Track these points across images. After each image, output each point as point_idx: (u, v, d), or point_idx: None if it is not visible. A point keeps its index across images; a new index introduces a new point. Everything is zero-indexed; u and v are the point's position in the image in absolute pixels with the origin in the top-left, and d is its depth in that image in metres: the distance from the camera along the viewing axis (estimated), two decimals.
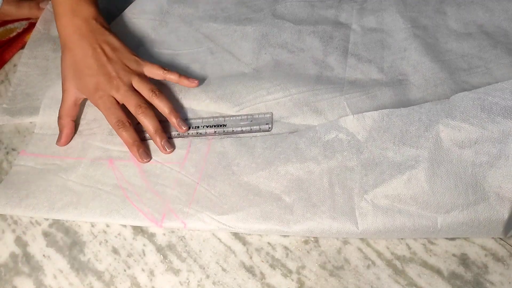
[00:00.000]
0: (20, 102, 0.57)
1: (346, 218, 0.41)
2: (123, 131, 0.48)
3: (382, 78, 0.53)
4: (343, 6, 0.62)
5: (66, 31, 0.51)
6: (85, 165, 0.49)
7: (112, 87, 0.49)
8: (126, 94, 0.49)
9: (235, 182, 0.45)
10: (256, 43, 0.59)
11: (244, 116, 0.51)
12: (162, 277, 0.42)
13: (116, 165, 0.49)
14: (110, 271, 0.43)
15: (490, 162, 0.39)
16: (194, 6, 0.65)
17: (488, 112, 0.39)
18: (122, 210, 0.45)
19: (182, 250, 0.43)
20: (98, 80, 0.49)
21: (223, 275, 0.41)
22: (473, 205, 0.39)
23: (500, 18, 0.56)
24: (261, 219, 0.42)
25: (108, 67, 0.49)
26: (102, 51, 0.50)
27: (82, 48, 0.50)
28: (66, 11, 0.51)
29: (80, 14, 0.51)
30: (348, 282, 0.40)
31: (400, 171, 0.41)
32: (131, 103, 0.49)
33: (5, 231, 0.47)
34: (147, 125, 0.48)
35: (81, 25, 0.51)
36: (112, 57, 0.50)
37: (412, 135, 0.42)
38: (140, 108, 0.48)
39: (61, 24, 0.52)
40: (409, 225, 0.40)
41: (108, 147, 0.50)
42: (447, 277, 0.39)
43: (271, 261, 0.42)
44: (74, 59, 0.50)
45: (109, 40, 0.51)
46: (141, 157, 0.47)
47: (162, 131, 0.48)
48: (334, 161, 0.44)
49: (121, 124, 0.48)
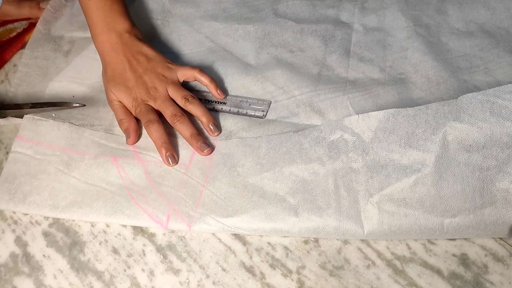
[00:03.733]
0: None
1: (352, 221, 0.41)
2: (153, 131, 0.49)
3: (384, 77, 0.53)
4: (345, 5, 0.62)
5: (103, 48, 0.54)
6: (88, 161, 0.49)
7: (149, 98, 0.51)
8: (162, 104, 0.51)
9: (240, 184, 0.45)
10: (258, 43, 0.59)
11: (245, 99, 0.52)
12: (162, 277, 0.42)
13: (119, 162, 0.48)
14: (110, 271, 0.43)
15: (498, 166, 0.38)
16: (196, 6, 0.65)
17: (498, 116, 0.39)
18: (127, 211, 0.45)
19: (182, 250, 0.43)
20: (137, 92, 0.51)
21: (223, 275, 0.41)
22: (480, 208, 0.39)
23: (502, 17, 0.57)
24: (266, 221, 0.42)
25: (145, 78, 0.52)
26: (138, 62, 0.53)
27: (119, 63, 0.53)
28: (102, 28, 0.54)
29: (115, 29, 0.54)
30: (348, 282, 0.40)
31: (406, 174, 0.41)
32: (167, 113, 0.50)
33: (5, 231, 0.47)
34: (183, 131, 0.49)
35: (117, 40, 0.54)
36: (147, 67, 0.52)
37: (418, 138, 0.41)
38: (175, 117, 0.49)
39: (98, 42, 0.55)
40: (416, 228, 0.40)
41: (112, 145, 0.50)
42: (447, 277, 0.39)
43: (271, 261, 0.42)
44: (113, 73, 0.53)
45: (143, 51, 0.54)
46: (167, 160, 0.48)
47: (198, 135, 0.49)
48: (339, 162, 0.44)
49: (151, 124, 0.49)
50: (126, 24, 0.55)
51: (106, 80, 0.53)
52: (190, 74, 0.53)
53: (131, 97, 0.51)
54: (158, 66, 0.53)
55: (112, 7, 0.55)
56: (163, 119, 0.50)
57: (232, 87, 0.55)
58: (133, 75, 0.52)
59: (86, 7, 0.55)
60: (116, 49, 0.53)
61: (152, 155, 0.49)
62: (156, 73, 0.52)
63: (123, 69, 0.52)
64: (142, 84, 0.52)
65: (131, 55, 0.53)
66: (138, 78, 0.52)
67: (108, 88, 0.52)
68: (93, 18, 0.55)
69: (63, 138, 0.51)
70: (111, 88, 0.52)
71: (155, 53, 0.54)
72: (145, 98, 0.51)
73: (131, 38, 0.54)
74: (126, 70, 0.52)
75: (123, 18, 0.55)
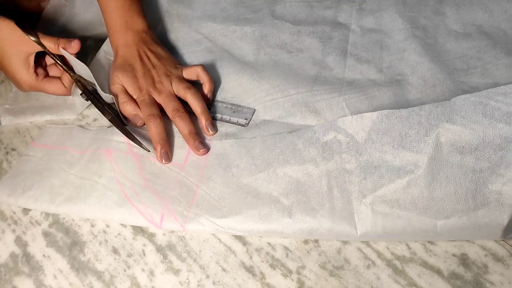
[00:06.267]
0: (21, 102, 0.58)
1: (345, 222, 0.41)
2: (153, 125, 0.49)
3: (380, 78, 0.53)
4: (342, 7, 0.62)
5: (118, 43, 0.56)
6: (87, 157, 0.49)
7: (155, 90, 0.52)
8: (166, 98, 0.51)
9: (234, 185, 0.45)
10: (255, 44, 0.59)
11: (230, 105, 0.52)
12: (162, 277, 0.42)
13: (113, 156, 0.49)
14: (110, 271, 0.43)
15: (491, 168, 0.38)
16: (194, 6, 0.66)
17: (490, 118, 0.38)
18: (120, 209, 0.45)
19: (182, 250, 0.43)
20: (143, 82, 0.52)
21: (223, 275, 0.41)
22: (473, 210, 0.38)
23: (499, 19, 0.56)
24: (260, 222, 0.42)
25: (153, 72, 0.53)
26: (148, 59, 0.54)
27: (131, 56, 0.54)
28: (120, 25, 0.56)
29: (133, 27, 0.56)
30: (348, 282, 0.40)
31: (400, 175, 0.40)
32: (169, 107, 0.51)
33: (5, 231, 0.47)
34: (182, 127, 0.49)
35: (133, 38, 0.55)
36: (156, 64, 0.54)
37: (411, 139, 0.41)
38: (177, 112, 0.50)
39: (115, 39, 0.56)
40: (409, 229, 0.40)
41: (108, 137, 0.50)
42: (447, 277, 0.39)
43: (271, 261, 0.42)
44: (123, 63, 0.54)
45: (156, 50, 0.55)
46: (161, 157, 0.48)
47: (196, 134, 0.49)
48: (332, 163, 0.44)
49: (152, 118, 0.49)
50: (143, 24, 0.57)
51: (114, 67, 0.54)
52: (193, 71, 0.53)
53: (136, 85, 0.52)
54: (167, 63, 0.54)
55: (131, 7, 0.57)
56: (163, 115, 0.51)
57: (228, 86, 0.55)
58: (142, 68, 0.53)
59: (105, 5, 0.57)
60: (130, 45, 0.55)
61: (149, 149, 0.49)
62: (164, 70, 0.53)
63: (134, 61, 0.54)
64: (150, 77, 0.53)
65: (144, 51, 0.55)
66: (146, 71, 0.53)
67: (114, 73, 0.53)
68: (112, 16, 0.57)
69: (70, 139, 0.52)
70: (117, 73, 0.53)
71: (166, 54, 0.56)
72: (151, 89, 0.52)
73: (147, 37, 0.56)
74: (137, 62, 0.54)
75: (141, 18, 0.57)
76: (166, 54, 0.56)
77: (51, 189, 0.47)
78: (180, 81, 0.52)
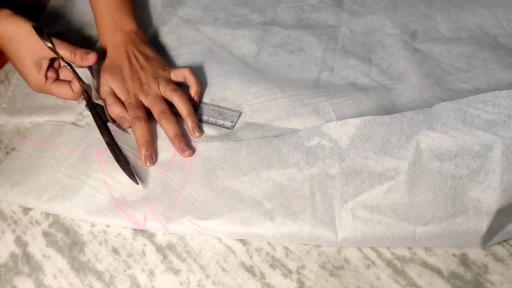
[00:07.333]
0: (19, 102, 0.58)
1: (326, 227, 0.41)
2: (138, 128, 0.49)
3: (368, 83, 0.53)
4: (333, 10, 0.62)
5: (107, 44, 0.56)
6: (76, 155, 0.50)
7: (142, 93, 0.52)
8: (153, 100, 0.51)
9: (218, 187, 0.45)
10: (245, 48, 0.59)
11: (216, 108, 0.52)
12: (162, 277, 0.42)
13: (102, 156, 0.49)
14: (110, 271, 0.43)
15: (469, 175, 0.38)
16: (194, 5, 0.66)
17: (469, 125, 0.38)
18: (105, 210, 0.45)
19: (182, 250, 0.43)
20: (130, 84, 0.53)
21: (223, 275, 0.41)
22: (451, 217, 0.38)
23: (489, 24, 0.56)
24: (241, 225, 0.42)
25: (141, 74, 0.53)
26: (137, 60, 0.54)
27: (120, 57, 0.55)
28: (110, 27, 0.56)
29: (122, 28, 0.56)
30: (348, 282, 0.40)
31: (380, 181, 0.40)
32: (156, 109, 0.51)
33: (5, 231, 0.47)
34: (168, 129, 0.49)
35: (122, 38, 0.56)
36: (144, 65, 0.54)
37: (393, 145, 0.41)
38: (163, 114, 0.50)
39: (104, 39, 0.57)
40: (388, 235, 0.40)
41: (99, 137, 0.50)
42: (447, 277, 0.39)
43: (271, 261, 0.42)
44: (111, 64, 0.54)
45: (144, 51, 0.55)
46: (145, 160, 0.48)
47: (181, 136, 0.49)
48: (316, 168, 0.44)
49: (138, 121, 0.49)
50: (133, 25, 0.57)
51: (102, 68, 0.55)
52: (180, 73, 0.53)
53: (124, 88, 0.52)
54: (155, 66, 0.54)
55: (121, 7, 0.57)
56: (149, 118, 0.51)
57: (216, 88, 0.55)
58: (130, 69, 0.53)
59: (95, 5, 0.57)
60: (119, 45, 0.55)
61: (133, 151, 0.49)
62: (151, 72, 0.53)
63: (122, 62, 0.54)
64: (138, 79, 0.53)
65: (132, 52, 0.55)
66: (134, 73, 0.53)
67: (103, 75, 0.54)
68: (102, 16, 0.57)
69: (60, 136, 0.53)
70: (106, 75, 0.53)
71: (155, 55, 0.56)
72: (138, 92, 0.52)
73: (136, 38, 0.56)
74: (125, 64, 0.54)
75: (130, 19, 0.57)
76: (154, 55, 0.56)
77: (38, 186, 0.48)
78: (167, 83, 0.52)
